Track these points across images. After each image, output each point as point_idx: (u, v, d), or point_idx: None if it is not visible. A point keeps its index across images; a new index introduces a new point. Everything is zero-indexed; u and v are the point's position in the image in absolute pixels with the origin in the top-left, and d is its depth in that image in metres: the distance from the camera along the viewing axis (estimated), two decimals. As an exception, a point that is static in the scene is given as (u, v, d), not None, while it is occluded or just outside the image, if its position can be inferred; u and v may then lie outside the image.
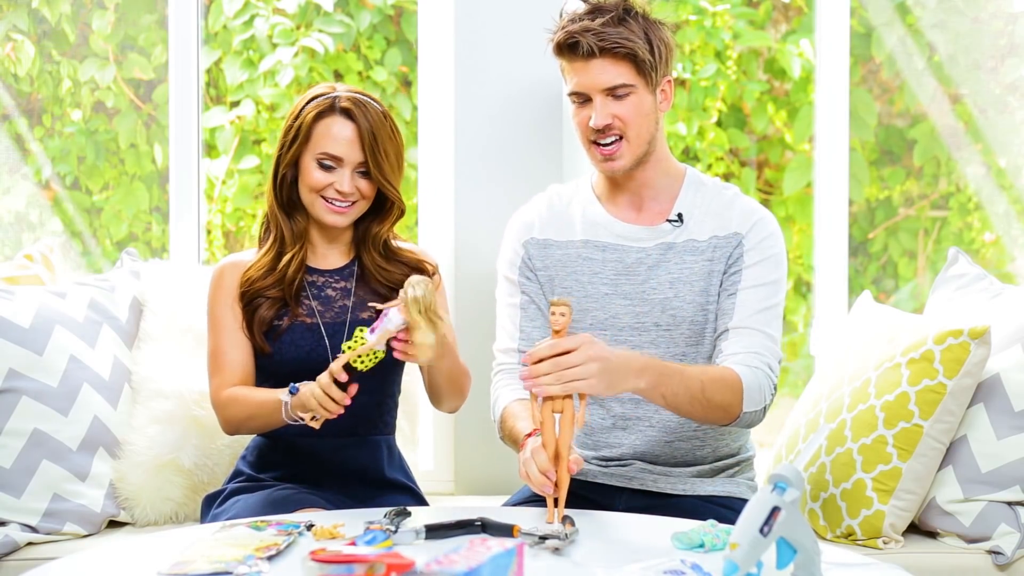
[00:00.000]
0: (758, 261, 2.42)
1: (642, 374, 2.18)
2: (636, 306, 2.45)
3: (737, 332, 2.38)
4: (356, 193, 2.45)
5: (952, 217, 4.04)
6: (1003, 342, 2.62)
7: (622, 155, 2.41)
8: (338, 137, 2.43)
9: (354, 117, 2.43)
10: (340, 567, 1.65)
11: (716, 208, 2.46)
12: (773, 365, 2.38)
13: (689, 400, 2.25)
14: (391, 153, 2.45)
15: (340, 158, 2.43)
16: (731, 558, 1.68)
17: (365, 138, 2.42)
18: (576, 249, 2.49)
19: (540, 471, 2.10)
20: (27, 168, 3.84)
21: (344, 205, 2.45)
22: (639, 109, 2.39)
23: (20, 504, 2.63)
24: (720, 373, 2.31)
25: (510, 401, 2.43)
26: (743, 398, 2.31)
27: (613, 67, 2.37)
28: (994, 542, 2.55)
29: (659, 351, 2.44)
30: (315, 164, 2.44)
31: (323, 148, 2.43)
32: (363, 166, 2.44)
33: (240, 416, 2.42)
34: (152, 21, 3.85)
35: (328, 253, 2.54)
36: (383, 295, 2.50)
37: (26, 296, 2.76)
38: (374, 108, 2.45)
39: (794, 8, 4.16)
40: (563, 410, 2.10)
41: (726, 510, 2.36)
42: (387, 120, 2.46)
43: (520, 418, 2.35)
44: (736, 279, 2.42)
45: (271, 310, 2.47)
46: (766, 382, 2.35)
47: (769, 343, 2.39)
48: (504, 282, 2.56)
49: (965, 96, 3.90)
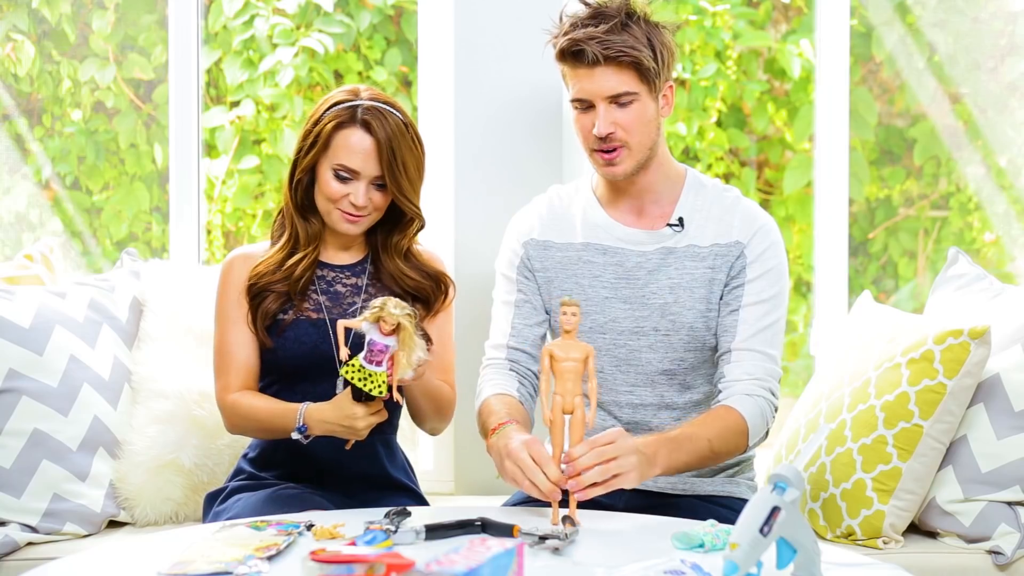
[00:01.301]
0: (760, 275, 2.43)
1: (658, 460, 2.22)
2: (636, 310, 2.45)
3: (739, 354, 2.40)
4: (370, 206, 2.44)
5: (952, 217, 4.04)
6: (1003, 342, 2.62)
7: (623, 161, 2.40)
8: (355, 149, 2.41)
9: (373, 130, 2.41)
10: (340, 567, 1.65)
11: (717, 212, 2.46)
12: (774, 388, 2.41)
13: (700, 461, 2.31)
14: (410, 166, 2.43)
15: (357, 171, 2.41)
16: (731, 558, 1.68)
17: (383, 152, 2.40)
18: (576, 252, 2.49)
19: (553, 480, 2.09)
20: (27, 168, 3.84)
21: (358, 216, 2.44)
22: (642, 117, 2.39)
23: (20, 504, 2.63)
24: (723, 422, 2.34)
25: (489, 395, 2.42)
26: (748, 437, 2.36)
27: (616, 75, 2.36)
28: (994, 542, 2.55)
29: (657, 355, 2.44)
30: (331, 174, 2.43)
31: (340, 159, 2.42)
32: (379, 179, 2.42)
33: (248, 429, 2.47)
34: (152, 21, 3.85)
35: (340, 250, 2.54)
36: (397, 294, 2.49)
37: (26, 296, 2.76)
38: (394, 119, 2.42)
39: (794, 8, 4.16)
40: (573, 411, 2.10)
41: (726, 510, 2.37)
42: (408, 131, 2.44)
43: (494, 414, 2.34)
44: (738, 293, 2.42)
45: (276, 303, 2.46)
46: (767, 408, 2.39)
47: (770, 365, 2.41)
48: (501, 280, 2.56)
49: (965, 96, 3.90)
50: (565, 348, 2.10)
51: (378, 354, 2.16)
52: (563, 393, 2.10)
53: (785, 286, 2.46)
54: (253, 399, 2.44)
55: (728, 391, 2.39)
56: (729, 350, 2.41)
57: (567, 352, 2.09)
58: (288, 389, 2.47)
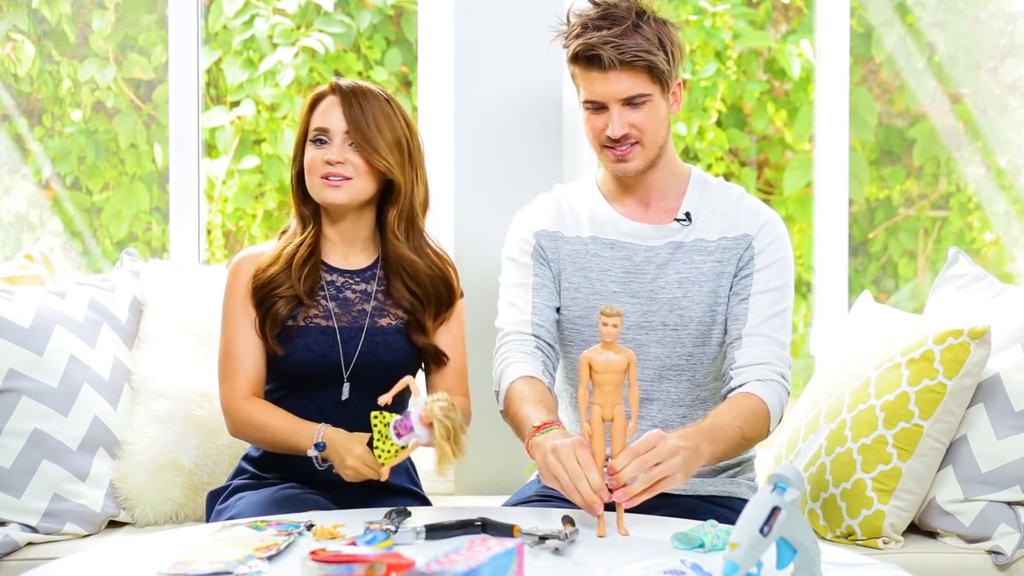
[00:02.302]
0: (768, 264, 2.44)
1: (702, 451, 2.17)
2: (644, 305, 2.45)
3: (749, 339, 2.40)
4: (348, 166, 2.43)
5: (952, 217, 4.04)
6: (1003, 342, 2.62)
7: (635, 158, 2.42)
8: (325, 112, 2.45)
9: (341, 92, 2.45)
10: (340, 567, 1.65)
11: (723, 208, 2.47)
12: (785, 373, 2.40)
13: (735, 449, 2.30)
14: (384, 128, 2.43)
15: (326, 128, 2.43)
16: (731, 558, 1.68)
17: (352, 108, 2.43)
18: (584, 245, 2.49)
19: (594, 489, 2.04)
20: (27, 168, 3.84)
21: (338, 179, 2.43)
22: (655, 116, 2.40)
23: (20, 504, 2.63)
24: (749, 407, 2.32)
25: (518, 377, 2.38)
26: (771, 421, 2.36)
27: (631, 79, 2.37)
28: (994, 542, 2.55)
29: (665, 350, 2.44)
30: (311, 145, 2.45)
31: (314, 125, 2.45)
32: (350, 136, 2.43)
33: (255, 439, 2.45)
34: (152, 21, 3.84)
35: (349, 252, 2.52)
36: (404, 307, 2.48)
37: (26, 296, 2.75)
38: (369, 89, 2.46)
39: (794, 8, 4.16)
40: (614, 418, 2.06)
41: (726, 510, 2.37)
42: (389, 103, 2.46)
43: (528, 402, 2.30)
44: (748, 283, 2.43)
45: (286, 308, 2.44)
46: (783, 393, 2.39)
47: (779, 350, 2.41)
48: (512, 264, 2.53)
49: (965, 96, 3.90)
50: (606, 359, 2.04)
51: (404, 430, 2.11)
52: (603, 403, 2.06)
53: (792, 278, 2.48)
54: (267, 412, 2.41)
55: (740, 376, 2.38)
56: (740, 336, 2.40)
57: (608, 363, 2.04)
58: (294, 395, 2.46)
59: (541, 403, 2.29)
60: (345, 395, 2.44)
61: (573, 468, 2.06)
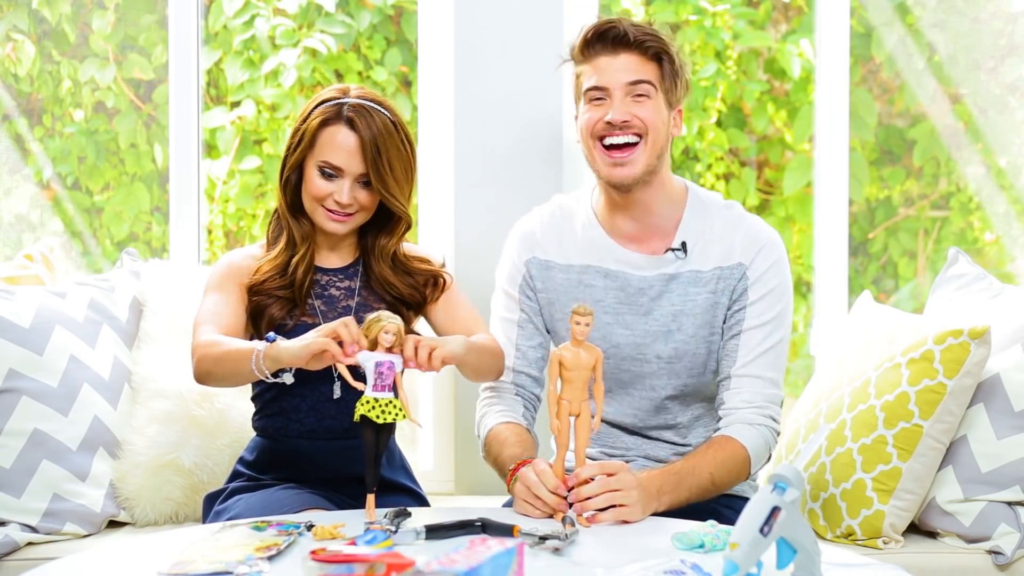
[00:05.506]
0: (762, 296, 2.41)
1: (661, 495, 2.23)
2: (638, 337, 2.44)
3: (738, 380, 2.40)
4: (355, 204, 2.42)
5: (952, 217, 4.04)
6: (1003, 342, 2.62)
7: (635, 160, 2.37)
8: (340, 147, 2.40)
9: (357, 128, 2.39)
10: (340, 567, 1.65)
11: (719, 232, 2.44)
12: (774, 414, 2.41)
13: (702, 494, 2.32)
14: (397, 166, 2.41)
15: (341, 168, 2.40)
16: (731, 558, 1.68)
17: (368, 150, 2.38)
18: (577, 274, 2.48)
19: (552, 490, 2.13)
20: (28, 168, 3.84)
21: (343, 215, 2.43)
22: (658, 113, 2.38)
23: (20, 504, 2.63)
24: (724, 453, 2.34)
25: (496, 423, 2.42)
26: (750, 466, 2.38)
27: (640, 63, 2.37)
28: (994, 542, 2.55)
29: (660, 382, 2.44)
30: (317, 172, 2.41)
31: (325, 156, 2.40)
32: (364, 177, 2.41)
33: (212, 356, 2.31)
34: (152, 21, 3.85)
35: (331, 253, 2.52)
36: (388, 301, 2.48)
37: (26, 296, 2.76)
38: (381, 117, 2.41)
39: (794, 8, 4.16)
40: (579, 413, 2.13)
41: (726, 510, 2.37)
42: (397, 131, 2.42)
43: (507, 445, 2.36)
44: (740, 317, 2.41)
45: (282, 310, 2.44)
46: (769, 436, 2.40)
47: (770, 389, 2.40)
48: (502, 296, 2.54)
49: (965, 96, 3.90)
50: (575, 357, 2.12)
51: (387, 376, 2.10)
52: (570, 398, 2.13)
53: (788, 305, 2.45)
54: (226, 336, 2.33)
55: (728, 419, 2.39)
56: (729, 376, 2.41)
57: (577, 361, 2.12)
58: (286, 394, 2.45)
59: (519, 445, 2.35)
60: (337, 393, 2.43)
61: (532, 481, 2.16)
